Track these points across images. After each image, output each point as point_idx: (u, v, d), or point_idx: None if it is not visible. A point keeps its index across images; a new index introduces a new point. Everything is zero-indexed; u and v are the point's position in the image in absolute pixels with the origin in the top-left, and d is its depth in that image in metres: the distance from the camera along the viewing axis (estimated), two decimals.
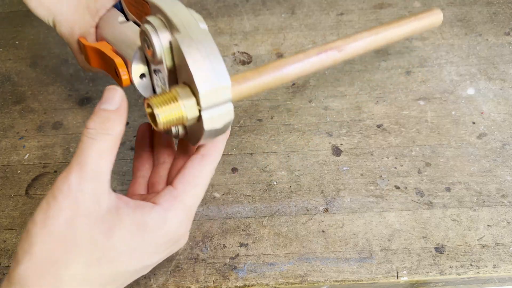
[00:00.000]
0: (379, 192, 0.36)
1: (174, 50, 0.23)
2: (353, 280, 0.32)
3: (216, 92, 0.23)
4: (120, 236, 0.23)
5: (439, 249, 0.33)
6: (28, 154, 0.40)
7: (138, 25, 0.28)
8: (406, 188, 0.36)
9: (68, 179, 0.22)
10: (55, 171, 0.39)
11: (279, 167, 0.38)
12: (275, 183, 0.37)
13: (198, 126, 0.24)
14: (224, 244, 0.34)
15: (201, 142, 0.25)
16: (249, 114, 0.41)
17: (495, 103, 0.41)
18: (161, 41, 0.23)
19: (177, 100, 0.23)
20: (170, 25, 0.23)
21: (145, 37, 0.24)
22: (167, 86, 0.25)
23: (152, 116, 0.23)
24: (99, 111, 0.24)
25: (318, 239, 0.34)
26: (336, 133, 0.40)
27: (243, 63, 0.46)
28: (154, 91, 0.28)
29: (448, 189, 0.36)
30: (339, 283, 0.32)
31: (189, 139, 0.27)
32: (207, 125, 0.24)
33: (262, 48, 0.46)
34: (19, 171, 0.39)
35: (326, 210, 0.35)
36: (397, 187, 0.36)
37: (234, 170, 0.38)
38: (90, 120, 0.23)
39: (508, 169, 0.36)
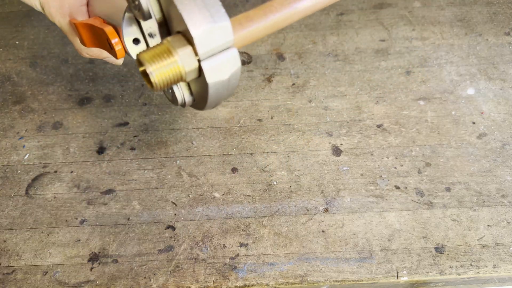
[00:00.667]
0: (379, 192, 0.36)
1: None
2: (353, 280, 0.32)
3: (213, 33, 0.19)
4: None
5: (439, 249, 0.33)
6: (28, 154, 0.40)
7: None
8: (406, 188, 0.36)
9: None
10: (55, 171, 0.39)
11: (279, 167, 0.38)
12: (275, 183, 0.37)
13: (202, 83, 0.21)
14: (224, 244, 0.34)
15: (209, 103, 0.21)
16: (249, 114, 0.41)
17: (495, 103, 0.41)
18: None
19: (171, 52, 0.19)
20: None
21: None
22: (158, 36, 0.23)
23: (146, 75, 0.20)
24: None
25: (318, 239, 0.34)
26: (336, 133, 0.40)
27: (243, 63, 0.46)
28: None
29: (448, 189, 0.36)
30: (339, 283, 0.32)
31: (197, 105, 0.24)
32: (210, 77, 0.20)
33: (262, 48, 0.46)
34: (19, 171, 0.39)
35: (326, 210, 0.35)
36: (397, 187, 0.36)
37: (234, 170, 0.38)
38: None
39: (508, 169, 0.36)
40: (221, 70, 0.20)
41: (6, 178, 0.39)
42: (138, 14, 0.22)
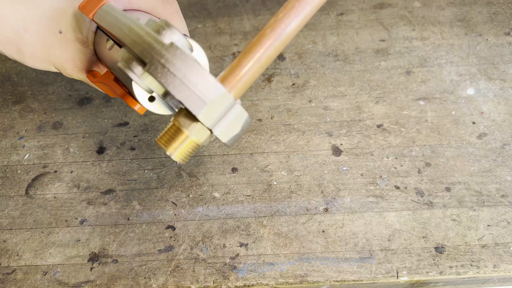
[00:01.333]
0: (379, 192, 0.36)
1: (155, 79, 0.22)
2: (353, 280, 0.32)
3: (215, 106, 0.21)
4: None
5: (439, 249, 0.33)
6: (28, 154, 0.40)
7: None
8: (406, 188, 0.36)
9: None
10: (55, 171, 0.39)
11: (279, 167, 0.38)
12: (275, 183, 0.37)
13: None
14: (224, 244, 0.34)
15: (233, 145, 0.24)
16: (249, 114, 0.41)
17: (495, 103, 0.41)
18: (138, 76, 0.22)
19: (182, 131, 0.22)
20: (136, 56, 0.22)
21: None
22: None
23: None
24: None
25: (318, 239, 0.34)
26: (336, 133, 0.40)
27: None
28: (171, 107, 0.27)
29: (448, 189, 0.36)
30: (339, 283, 0.32)
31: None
32: (224, 137, 0.22)
33: None
34: (19, 171, 0.39)
35: (326, 210, 0.35)
36: (397, 187, 0.36)
37: (234, 170, 0.38)
38: None
39: (508, 169, 0.36)
40: (232, 127, 0.22)
41: (6, 178, 0.39)
42: None
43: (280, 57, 0.46)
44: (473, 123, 0.39)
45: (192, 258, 0.33)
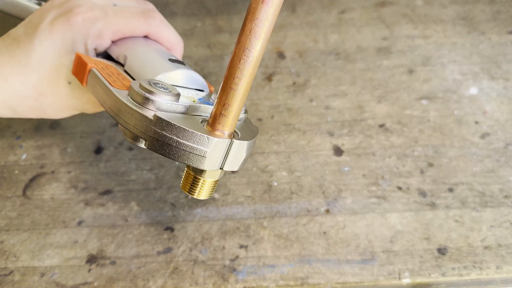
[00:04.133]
0: (381, 193, 0.35)
1: None
2: (354, 282, 0.31)
3: (213, 155, 0.22)
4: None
5: (441, 251, 0.32)
6: (25, 154, 0.40)
7: None
8: (408, 188, 0.35)
9: None
10: (53, 171, 0.38)
11: (280, 167, 0.37)
12: (275, 183, 0.36)
13: None
14: (223, 246, 0.33)
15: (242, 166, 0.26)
16: (249, 114, 0.41)
17: (498, 103, 0.40)
18: (145, 147, 0.24)
19: (199, 178, 0.25)
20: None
21: None
22: None
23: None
24: None
25: (319, 240, 0.33)
26: (338, 133, 0.39)
27: None
28: None
29: (451, 190, 0.35)
30: (340, 285, 0.31)
31: None
32: (233, 168, 0.24)
33: None
34: (16, 172, 0.39)
35: (327, 211, 0.35)
36: (400, 188, 0.36)
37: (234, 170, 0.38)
38: None
39: (511, 169, 0.36)
40: (237, 158, 0.24)
41: (3, 178, 0.38)
42: None
43: (281, 55, 0.45)
44: (476, 122, 0.39)
45: (191, 260, 0.33)
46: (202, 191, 0.25)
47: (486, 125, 0.39)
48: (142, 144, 0.24)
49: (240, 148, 0.24)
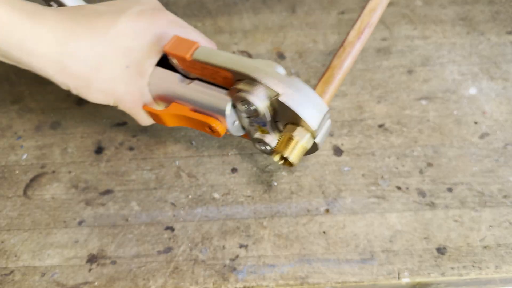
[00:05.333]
0: (380, 192, 0.36)
1: (272, 102, 0.28)
2: (354, 282, 0.31)
3: (322, 121, 0.28)
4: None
5: (441, 250, 0.32)
6: (26, 154, 0.40)
7: (199, 80, 0.31)
8: (408, 188, 0.36)
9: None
10: (53, 171, 0.39)
11: (280, 167, 0.37)
12: (275, 183, 0.37)
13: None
14: (223, 245, 0.33)
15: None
16: None
17: (497, 103, 0.40)
18: (261, 101, 0.28)
19: (297, 141, 0.28)
20: (257, 84, 0.27)
21: (244, 100, 0.28)
22: (268, 126, 0.30)
23: (283, 158, 0.29)
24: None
25: (319, 240, 0.33)
26: (337, 133, 0.39)
27: None
28: (243, 128, 0.32)
29: (450, 190, 0.35)
30: (340, 284, 0.31)
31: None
32: (321, 142, 0.29)
33: (262, 47, 0.46)
34: (17, 171, 0.39)
35: (327, 211, 0.35)
36: (399, 188, 0.36)
37: (234, 170, 0.38)
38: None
39: (510, 169, 0.36)
40: (325, 133, 0.29)
41: (4, 178, 0.38)
42: (249, 115, 0.29)
43: (281, 56, 0.45)
44: (475, 123, 0.39)
45: (191, 260, 0.33)
46: (294, 153, 0.28)
47: (485, 125, 0.39)
48: (259, 97, 0.28)
49: (328, 123, 0.29)
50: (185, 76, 0.31)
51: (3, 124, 0.42)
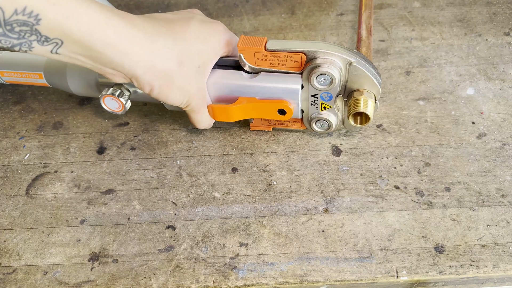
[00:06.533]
0: (378, 192, 0.36)
1: (346, 70, 0.33)
2: (353, 280, 0.32)
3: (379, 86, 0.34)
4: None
5: (438, 249, 0.33)
6: (28, 154, 0.40)
7: (258, 71, 0.35)
8: (405, 188, 0.36)
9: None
10: (56, 171, 0.39)
11: (279, 167, 0.38)
12: (275, 183, 0.37)
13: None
14: (224, 244, 0.34)
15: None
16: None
17: (495, 103, 0.41)
18: (337, 70, 0.33)
19: (368, 99, 0.34)
20: (333, 56, 0.32)
21: (321, 74, 0.32)
22: (333, 98, 0.35)
23: (360, 115, 0.35)
24: None
25: (318, 239, 0.34)
26: (336, 133, 0.40)
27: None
28: (301, 111, 0.36)
29: (447, 189, 0.36)
30: (339, 282, 0.32)
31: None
32: (377, 107, 0.35)
33: None
34: (19, 171, 0.39)
35: (326, 210, 0.35)
36: (397, 187, 0.36)
37: (234, 170, 0.38)
38: None
39: (507, 169, 0.37)
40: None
41: (6, 178, 0.39)
42: (324, 84, 0.34)
43: None
44: (473, 123, 0.40)
45: (192, 258, 0.33)
46: (370, 107, 0.34)
47: (483, 125, 0.39)
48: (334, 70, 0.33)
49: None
50: (247, 72, 0.35)
51: (6, 124, 0.42)
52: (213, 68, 0.35)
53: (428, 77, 0.43)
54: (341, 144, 0.39)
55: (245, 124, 0.41)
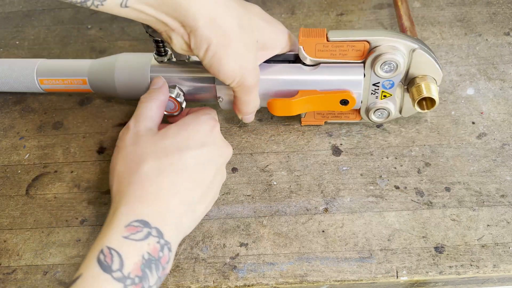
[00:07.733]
0: (378, 192, 0.36)
1: (410, 56, 0.33)
2: (353, 280, 0.32)
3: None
4: (168, 138, 0.32)
5: (438, 249, 0.33)
6: (28, 154, 0.40)
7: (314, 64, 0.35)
8: (405, 188, 0.36)
9: (128, 124, 0.33)
10: (56, 171, 0.39)
11: (279, 167, 0.38)
12: (275, 183, 0.37)
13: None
14: (224, 244, 0.34)
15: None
16: None
17: (495, 103, 0.41)
18: (402, 56, 0.33)
19: (430, 84, 0.34)
20: (397, 43, 0.33)
21: (385, 62, 0.33)
22: (394, 86, 0.35)
23: (425, 99, 0.35)
24: (149, 90, 0.35)
25: (318, 239, 0.34)
26: (336, 133, 0.40)
27: None
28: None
29: (447, 189, 0.36)
30: (339, 283, 0.32)
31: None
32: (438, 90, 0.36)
33: None
34: (19, 171, 0.39)
35: (326, 210, 0.35)
36: (397, 187, 0.36)
37: (234, 170, 0.38)
38: (143, 95, 0.35)
39: (507, 169, 0.37)
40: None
41: (6, 178, 0.39)
42: (389, 71, 0.34)
43: None
44: (473, 123, 0.40)
45: (192, 258, 0.33)
46: (433, 91, 0.34)
47: (483, 126, 0.39)
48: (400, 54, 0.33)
49: None
50: (306, 65, 0.35)
51: (6, 124, 0.42)
52: (269, 63, 0.35)
53: None
54: (341, 144, 0.39)
55: (245, 124, 0.41)
